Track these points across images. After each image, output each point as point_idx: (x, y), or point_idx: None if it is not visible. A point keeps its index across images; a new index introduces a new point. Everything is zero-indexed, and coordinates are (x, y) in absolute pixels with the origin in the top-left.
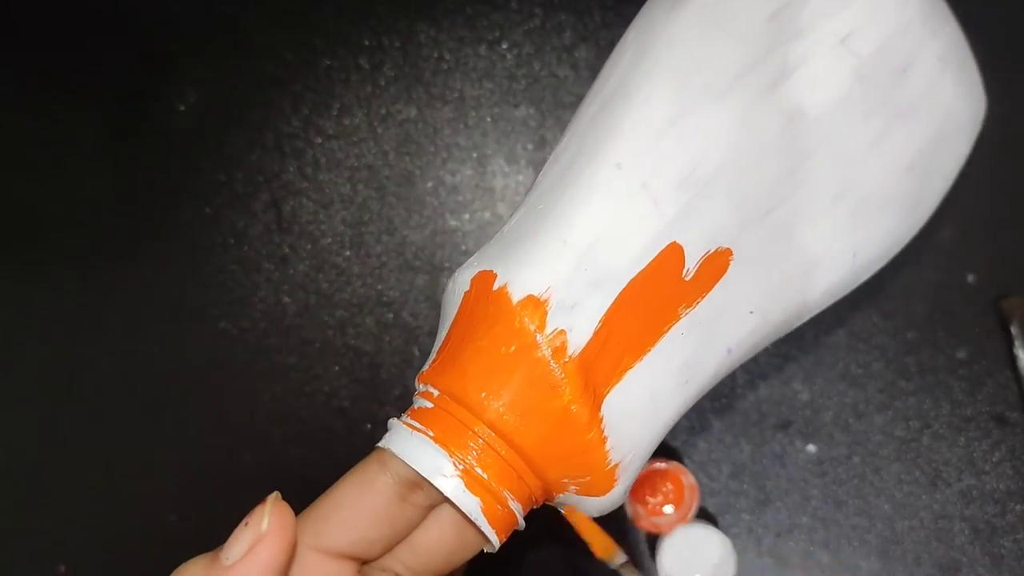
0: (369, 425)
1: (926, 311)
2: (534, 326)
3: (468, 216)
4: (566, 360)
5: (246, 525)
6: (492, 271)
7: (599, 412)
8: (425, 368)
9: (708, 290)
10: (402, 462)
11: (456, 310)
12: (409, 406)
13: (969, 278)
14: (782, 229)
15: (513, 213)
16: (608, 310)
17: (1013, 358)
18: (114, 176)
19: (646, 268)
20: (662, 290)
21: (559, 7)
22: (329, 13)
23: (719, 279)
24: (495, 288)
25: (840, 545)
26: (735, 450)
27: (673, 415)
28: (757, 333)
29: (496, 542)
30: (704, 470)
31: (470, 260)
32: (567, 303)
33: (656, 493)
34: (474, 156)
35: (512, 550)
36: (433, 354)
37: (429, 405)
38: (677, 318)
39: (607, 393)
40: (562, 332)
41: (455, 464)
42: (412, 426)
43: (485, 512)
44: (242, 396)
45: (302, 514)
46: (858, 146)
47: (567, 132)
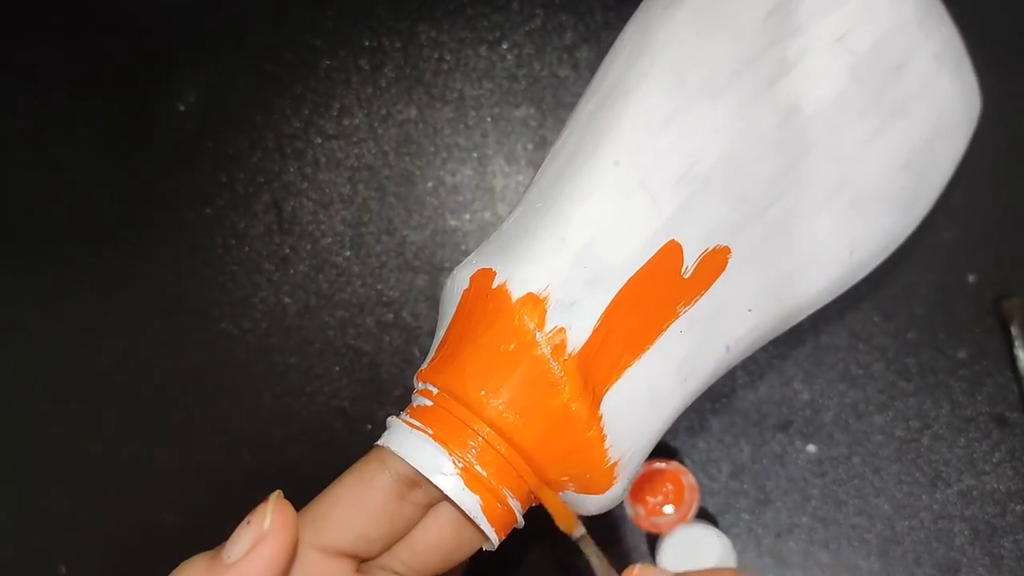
0: (369, 425)
1: (926, 311)
2: (533, 324)
3: (468, 216)
4: (565, 358)
5: (248, 523)
6: (491, 269)
7: (598, 410)
8: (424, 366)
9: (707, 288)
10: (401, 460)
11: (455, 308)
12: (409, 405)
13: (970, 278)
14: (779, 226)
15: (512, 211)
16: (607, 308)
17: (1013, 359)
18: (114, 176)
19: (645, 266)
20: (661, 288)
21: (560, 8)
22: (329, 14)
23: (718, 277)
24: (494, 286)
25: (840, 545)
26: (735, 450)
27: (672, 413)
28: (756, 330)
29: (495, 540)
30: (704, 470)
31: (468, 258)
32: (566, 301)
33: (656, 493)
34: (474, 156)
35: (510, 549)
36: (432, 352)
37: (428, 403)
38: (676, 316)
39: (606, 391)
40: (561, 330)
41: (454, 462)
42: (411, 424)
43: (485, 510)
44: (242, 396)
45: (300, 512)
46: (854, 143)
47: (565, 129)
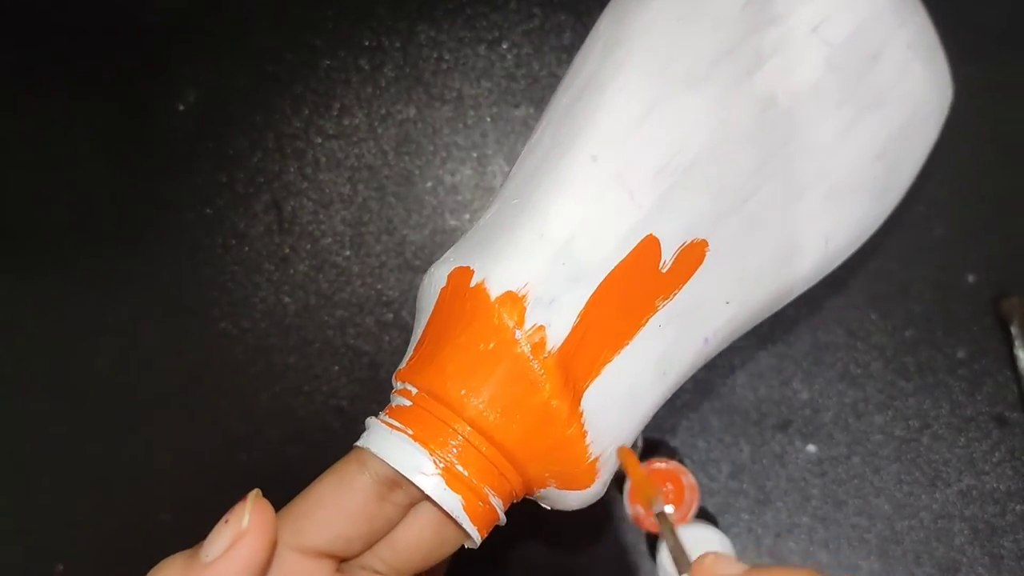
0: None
1: (925, 311)
2: (512, 322)
3: (468, 216)
4: (545, 356)
5: (226, 522)
6: (469, 267)
7: (579, 407)
8: (402, 366)
9: (685, 281)
10: (381, 461)
11: (432, 306)
12: (388, 405)
13: (969, 278)
14: (757, 218)
15: (487, 207)
16: (586, 304)
17: (1013, 358)
18: (114, 176)
19: (623, 261)
20: (639, 282)
21: (558, 7)
22: (329, 14)
23: (696, 270)
24: (472, 284)
25: (840, 545)
26: (735, 450)
27: (652, 407)
28: (734, 321)
29: (478, 539)
30: (704, 470)
31: (446, 255)
32: (545, 298)
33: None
34: (474, 156)
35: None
36: (410, 351)
37: (407, 403)
38: (655, 310)
39: (586, 387)
40: (541, 328)
41: (435, 462)
42: (391, 424)
43: (467, 509)
44: (241, 395)
45: (280, 512)
46: (830, 134)
47: (540, 123)
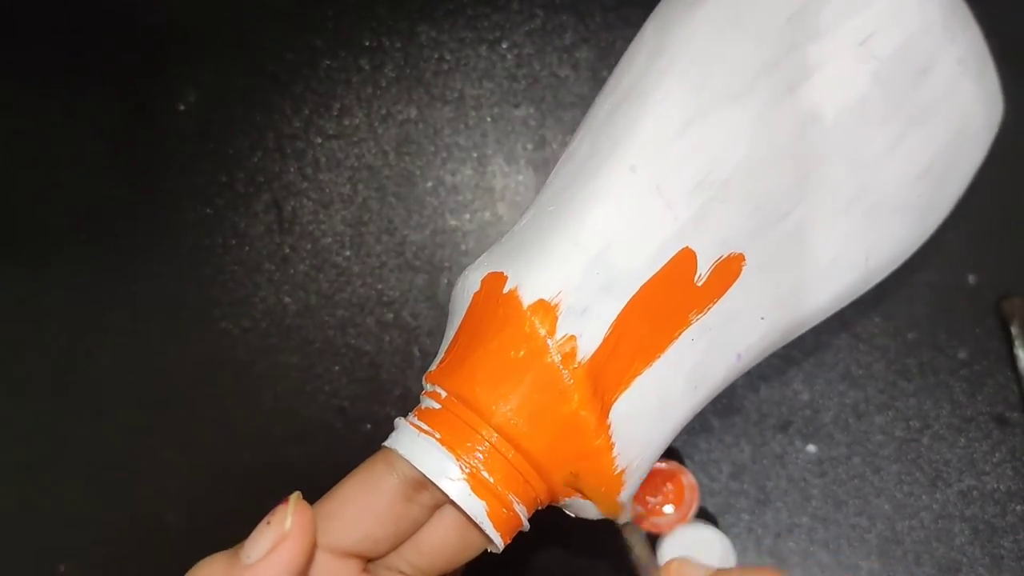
0: (369, 425)
1: (927, 312)
2: (544, 331)
3: (468, 216)
4: (575, 366)
5: (268, 524)
6: (503, 273)
7: (607, 418)
8: (433, 368)
9: (720, 296)
10: (408, 463)
11: (465, 310)
12: (410, 406)
13: (970, 279)
14: (795, 234)
15: (524, 212)
16: (619, 315)
17: (1014, 358)
18: (114, 177)
19: (658, 273)
20: (673, 295)
21: (560, 8)
22: (330, 14)
23: (731, 284)
24: (505, 291)
25: (840, 545)
26: (735, 450)
27: (681, 420)
28: (767, 338)
29: (500, 545)
30: (704, 470)
31: (480, 259)
32: (578, 308)
33: (656, 493)
34: (474, 156)
35: (512, 548)
36: (441, 353)
37: (436, 406)
38: (688, 324)
39: (615, 399)
40: (572, 338)
41: (461, 467)
42: (419, 427)
43: (490, 516)
44: (243, 396)
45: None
46: (874, 150)
47: (580, 130)
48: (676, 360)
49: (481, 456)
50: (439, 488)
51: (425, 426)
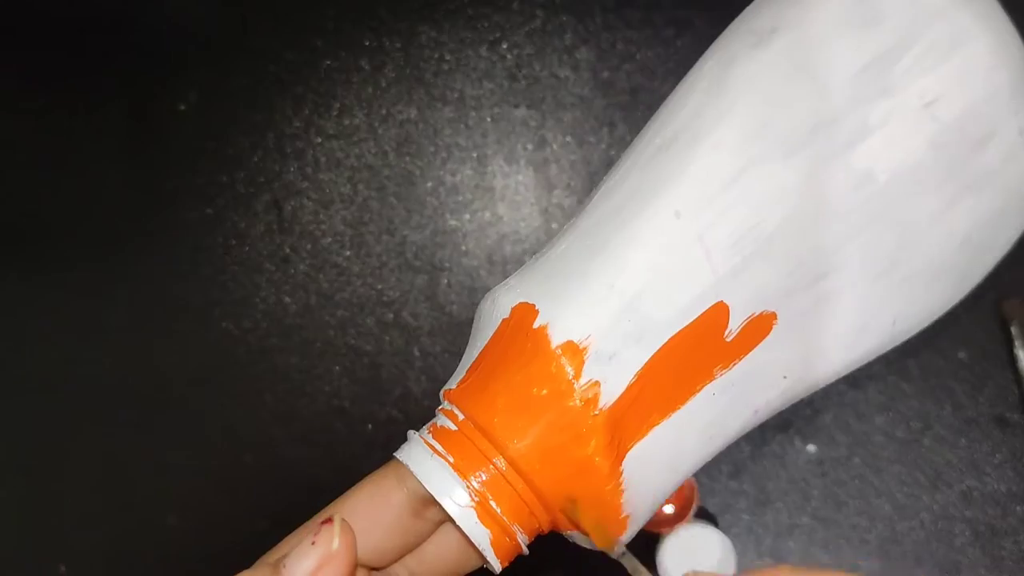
0: (369, 425)
1: None
2: (570, 374)
3: (468, 216)
4: (596, 412)
5: (313, 544)
6: (534, 306)
7: (620, 465)
8: (453, 385)
9: (747, 352)
10: (419, 481)
11: (491, 333)
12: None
13: None
14: (830, 296)
15: (560, 235)
16: (645, 365)
17: (1014, 360)
18: (115, 177)
19: (689, 325)
20: (701, 349)
21: (560, 8)
22: (330, 14)
23: (760, 342)
24: (535, 325)
25: (840, 545)
26: (735, 450)
27: (691, 469)
28: (785, 395)
29: (498, 569)
30: (704, 470)
31: (511, 282)
32: (605, 354)
33: None
34: (474, 156)
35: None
36: (462, 372)
37: (452, 427)
38: (712, 378)
39: (631, 448)
40: (596, 383)
41: (471, 495)
42: (433, 447)
43: (493, 543)
44: (243, 396)
45: (315, 518)
46: (921, 216)
47: (628, 158)
48: (695, 413)
49: (491, 485)
50: (446, 512)
51: (440, 447)
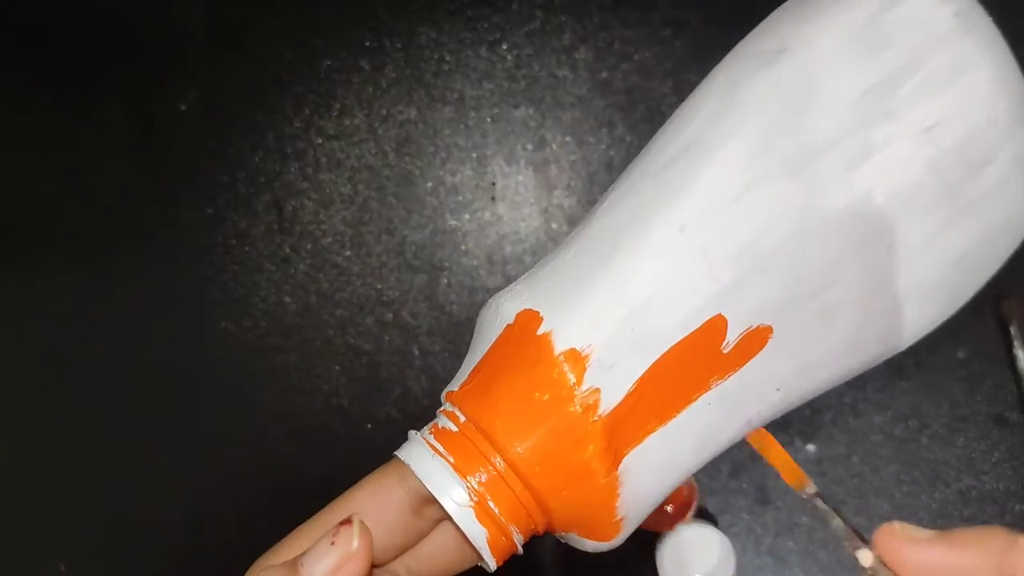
0: (368, 424)
1: None
2: (572, 380)
3: (468, 216)
4: (595, 418)
5: (332, 544)
6: (539, 313)
7: (616, 470)
8: (455, 388)
9: (742, 365)
10: (420, 480)
11: (495, 337)
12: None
13: None
14: (826, 312)
15: (566, 243)
16: (644, 374)
17: (1012, 359)
18: (116, 177)
19: (688, 336)
20: (699, 360)
21: (559, 9)
22: (330, 15)
23: (755, 355)
24: (539, 332)
25: (840, 545)
26: (735, 450)
27: (683, 476)
28: (778, 407)
29: (493, 567)
30: (704, 470)
31: (516, 287)
32: (607, 362)
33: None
34: (474, 156)
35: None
36: (465, 374)
37: (453, 428)
38: (707, 388)
39: (627, 453)
40: (596, 390)
41: (470, 495)
42: (435, 448)
43: (489, 542)
44: (243, 395)
45: (317, 515)
46: (917, 237)
47: (635, 170)
48: (689, 421)
49: (489, 486)
50: (445, 511)
51: (441, 448)
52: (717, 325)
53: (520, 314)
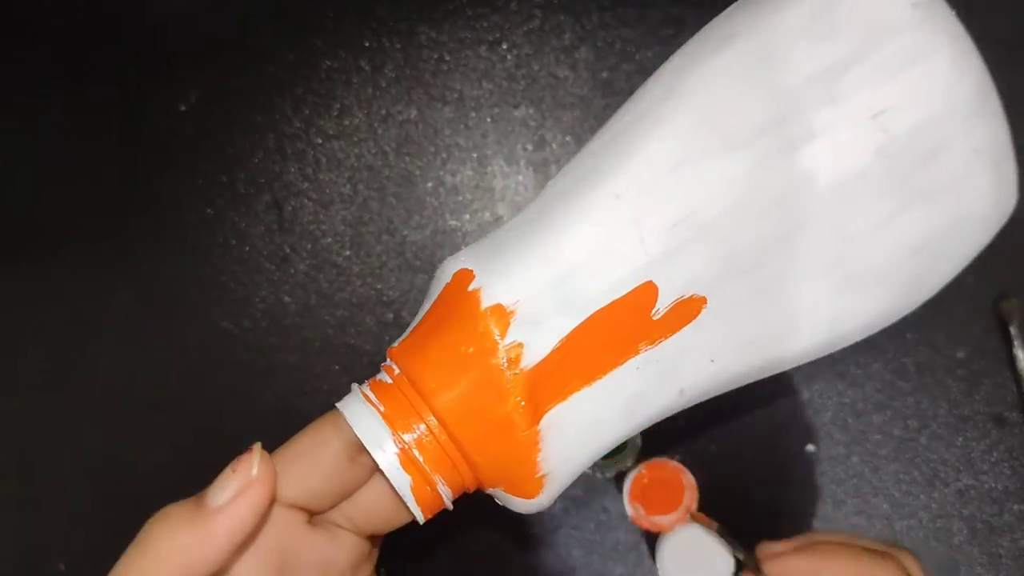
0: None
1: (925, 312)
2: (496, 334)
3: (468, 216)
4: (517, 371)
5: (233, 472)
6: (472, 271)
7: (537, 425)
8: (396, 344)
9: (673, 332)
10: (351, 427)
11: (436, 297)
12: (374, 376)
13: (968, 279)
14: (765, 288)
15: (517, 215)
16: (569, 333)
17: (1012, 358)
18: (115, 177)
19: (616, 300)
20: (628, 324)
21: (558, 8)
22: (330, 14)
23: (687, 324)
24: (469, 288)
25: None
26: (734, 449)
27: (614, 440)
28: (714, 380)
29: (421, 518)
30: (704, 469)
31: (462, 251)
32: (532, 318)
33: (656, 493)
34: (474, 156)
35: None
36: (407, 333)
37: (388, 380)
38: (636, 352)
39: (548, 410)
40: (520, 345)
41: (396, 442)
42: (368, 397)
43: (414, 490)
44: (242, 395)
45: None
46: (865, 221)
47: (586, 147)
48: (617, 384)
49: (416, 435)
50: (371, 457)
51: (373, 397)
52: (647, 291)
53: (456, 273)
